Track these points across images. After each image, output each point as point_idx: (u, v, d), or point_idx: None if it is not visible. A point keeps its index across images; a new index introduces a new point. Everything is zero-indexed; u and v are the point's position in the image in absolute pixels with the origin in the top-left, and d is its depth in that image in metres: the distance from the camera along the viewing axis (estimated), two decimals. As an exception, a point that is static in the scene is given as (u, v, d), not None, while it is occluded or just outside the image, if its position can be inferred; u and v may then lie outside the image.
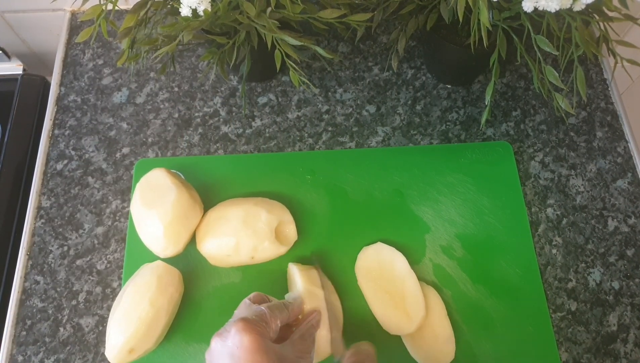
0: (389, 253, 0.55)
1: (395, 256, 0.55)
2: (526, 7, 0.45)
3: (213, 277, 0.56)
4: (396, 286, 0.53)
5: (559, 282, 0.57)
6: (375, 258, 0.55)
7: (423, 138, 0.65)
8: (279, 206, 0.56)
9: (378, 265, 0.55)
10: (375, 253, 0.56)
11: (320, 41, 0.71)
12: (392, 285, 0.54)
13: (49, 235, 0.59)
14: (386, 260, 0.55)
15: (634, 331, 0.55)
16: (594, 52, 0.49)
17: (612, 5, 0.48)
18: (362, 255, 0.56)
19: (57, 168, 0.63)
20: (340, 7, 0.53)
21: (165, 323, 0.51)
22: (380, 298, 0.53)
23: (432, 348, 0.52)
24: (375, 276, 0.54)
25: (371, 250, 0.56)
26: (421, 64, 0.70)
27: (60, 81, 0.69)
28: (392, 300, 0.53)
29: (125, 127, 0.66)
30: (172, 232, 0.52)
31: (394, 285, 0.54)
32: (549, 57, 0.69)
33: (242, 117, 0.66)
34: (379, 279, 0.54)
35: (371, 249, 0.56)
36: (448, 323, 0.53)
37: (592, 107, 0.67)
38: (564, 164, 0.63)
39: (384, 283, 0.54)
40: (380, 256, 0.55)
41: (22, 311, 0.56)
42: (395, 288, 0.53)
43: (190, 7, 0.48)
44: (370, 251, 0.56)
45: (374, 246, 0.56)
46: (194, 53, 0.71)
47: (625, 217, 0.60)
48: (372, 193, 0.60)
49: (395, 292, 0.53)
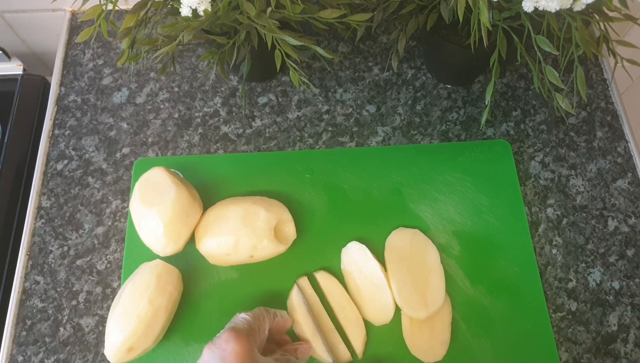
0: (423, 241, 0.57)
1: (430, 247, 0.56)
2: (526, 7, 0.45)
3: (212, 276, 0.56)
4: (422, 272, 0.55)
5: (559, 282, 0.57)
6: (409, 239, 0.57)
7: (423, 138, 0.65)
8: (278, 204, 0.56)
9: (410, 247, 0.56)
10: (411, 236, 0.57)
11: (320, 41, 0.71)
12: (418, 269, 0.55)
13: (49, 235, 0.59)
14: (420, 246, 0.56)
15: (634, 331, 0.55)
16: (594, 52, 0.49)
17: (612, 5, 0.48)
18: (398, 233, 0.57)
19: (57, 168, 0.63)
20: (340, 7, 0.53)
21: (165, 322, 0.51)
22: (403, 277, 0.54)
23: (425, 342, 0.53)
24: (404, 256, 0.55)
25: (408, 232, 0.57)
26: (421, 64, 0.70)
27: (60, 81, 0.69)
28: (413, 282, 0.54)
29: (125, 128, 0.66)
30: (172, 230, 0.52)
31: (420, 271, 0.55)
32: (549, 57, 0.69)
33: (242, 117, 0.66)
34: (407, 259, 0.55)
35: (408, 231, 0.57)
36: (449, 328, 0.53)
37: (592, 107, 0.67)
38: (564, 164, 0.63)
39: (411, 265, 0.55)
40: (414, 240, 0.57)
41: (22, 312, 0.56)
42: (421, 274, 0.55)
43: (190, 7, 0.48)
44: (407, 233, 0.57)
45: (412, 230, 0.57)
46: (194, 53, 0.71)
47: (625, 217, 0.60)
48: (370, 191, 0.60)
49: (419, 277, 0.54)
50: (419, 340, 0.53)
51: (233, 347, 0.41)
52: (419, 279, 0.54)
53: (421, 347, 0.53)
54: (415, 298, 0.53)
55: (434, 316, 0.53)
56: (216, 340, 0.42)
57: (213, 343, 0.42)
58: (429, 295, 0.53)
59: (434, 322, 0.53)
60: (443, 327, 0.53)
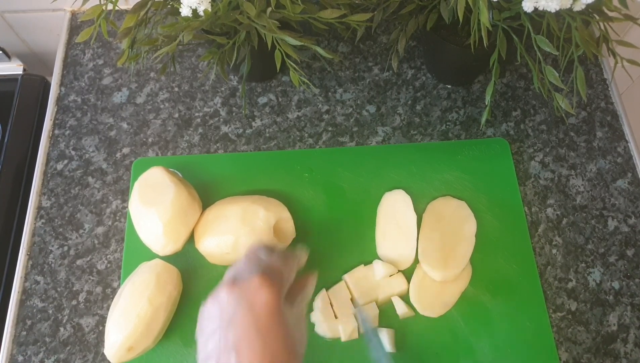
0: (466, 213, 0.58)
1: (470, 220, 0.57)
2: (526, 7, 0.45)
3: (212, 275, 0.56)
4: (453, 239, 0.56)
5: (559, 282, 0.57)
6: (453, 207, 0.58)
7: (423, 138, 0.65)
8: (277, 203, 0.56)
9: (452, 214, 0.58)
10: (456, 205, 0.58)
11: (320, 41, 0.71)
12: (450, 235, 0.56)
13: (49, 235, 0.59)
14: (461, 216, 0.58)
15: (634, 331, 0.55)
16: (594, 52, 0.49)
17: (612, 5, 0.48)
18: (444, 200, 0.59)
19: (57, 168, 0.63)
20: (340, 7, 0.53)
21: (164, 322, 0.51)
22: (433, 236, 0.56)
23: (428, 298, 0.54)
24: (441, 219, 0.57)
25: (453, 201, 0.59)
26: (421, 64, 0.70)
27: (61, 81, 0.69)
28: (441, 244, 0.55)
29: (125, 128, 0.66)
30: (171, 230, 0.52)
31: (451, 237, 0.56)
32: (549, 57, 0.69)
33: (242, 117, 0.66)
34: (444, 223, 0.57)
35: (454, 201, 0.59)
36: (457, 295, 0.54)
37: (592, 107, 0.67)
38: (564, 164, 0.63)
39: (445, 229, 0.56)
40: (457, 209, 0.58)
41: (22, 312, 0.56)
42: (451, 239, 0.56)
43: (191, 7, 0.48)
44: (453, 202, 0.59)
45: (458, 201, 0.59)
46: (194, 53, 0.71)
47: (625, 217, 0.60)
48: (369, 190, 0.60)
49: (448, 242, 0.56)
50: (424, 294, 0.54)
51: (267, 298, 0.36)
52: (447, 244, 0.56)
53: (423, 299, 0.54)
54: (436, 259, 0.54)
55: (446, 281, 0.54)
56: (242, 283, 0.37)
57: (236, 285, 0.37)
58: (451, 260, 0.55)
59: (444, 285, 0.54)
60: (452, 293, 0.54)
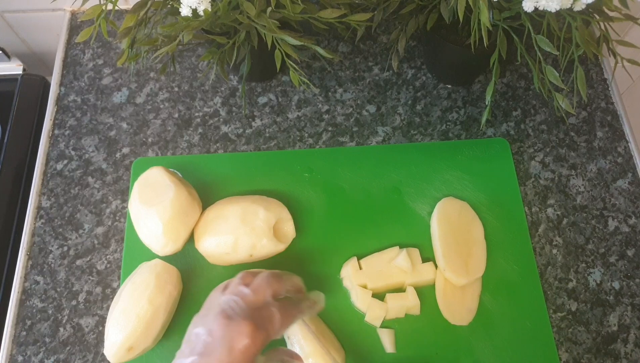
0: (471, 214, 0.58)
1: (476, 221, 0.58)
2: (526, 7, 0.45)
3: (211, 275, 0.56)
4: (467, 242, 0.56)
5: (559, 282, 0.57)
6: (458, 209, 0.58)
7: (423, 138, 0.65)
8: (277, 203, 0.56)
9: (458, 217, 0.57)
10: (460, 207, 0.58)
11: (320, 41, 0.71)
12: (464, 239, 0.56)
13: (49, 235, 0.59)
14: (467, 218, 0.58)
15: (634, 331, 0.55)
16: (594, 52, 0.49)
17: (613, 5, 0.48)
18: (448, 201, 0.58)
19: (57, 168, 0.63)
20: (340, 7, 0.53)
21: (164, 322, 0.51)
22: (449, 242, 0.56)
23: (456, 306, 0.54)
24: (452, 222, 0.57)
25: (457, 203, 0.58)
26: (421, 64, 0.70)
27: (60, 81, 0.69)
28: (458, 249, 0.55)
29: (125, 127, 0.66)
30: (171, 230, 0.52)
31: (465, 240, 0.56)
32: (549, 57, 0.69)
33: (242, 117, 0.66)
34: (455, 226, 0.57)
35: (457, 202, 0.59)
36: (477, 299, 0.55)
37: (593, 107, 0.67)
38: (565, 164, 0.63)
39: (458, 233, 0.56)
40: (462, 211, 0.58)
41: (22, 312, 0.56)
42: (466, 243, 0.56)
43: (190, 7, 0.48)
44: (456, 203, 0.58)
45: (460, 202, 0.59)
46: (194, 53, 0.71)
47: (625, 217, 0.60)
48: (369, 190, 0.61)
49: (464, 245, 0.56)
50: (450, 303, 0.54)
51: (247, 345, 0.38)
52: (464, 247, 0.56)
53: (452, 310, 0.54)
54: (458, 264, 0.54)
55: (465, 286, 0.54)
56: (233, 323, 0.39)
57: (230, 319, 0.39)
58: (471, 263, 0.55)
59: (464, 290, 0.54)
60: (473, 297, 0.55)
